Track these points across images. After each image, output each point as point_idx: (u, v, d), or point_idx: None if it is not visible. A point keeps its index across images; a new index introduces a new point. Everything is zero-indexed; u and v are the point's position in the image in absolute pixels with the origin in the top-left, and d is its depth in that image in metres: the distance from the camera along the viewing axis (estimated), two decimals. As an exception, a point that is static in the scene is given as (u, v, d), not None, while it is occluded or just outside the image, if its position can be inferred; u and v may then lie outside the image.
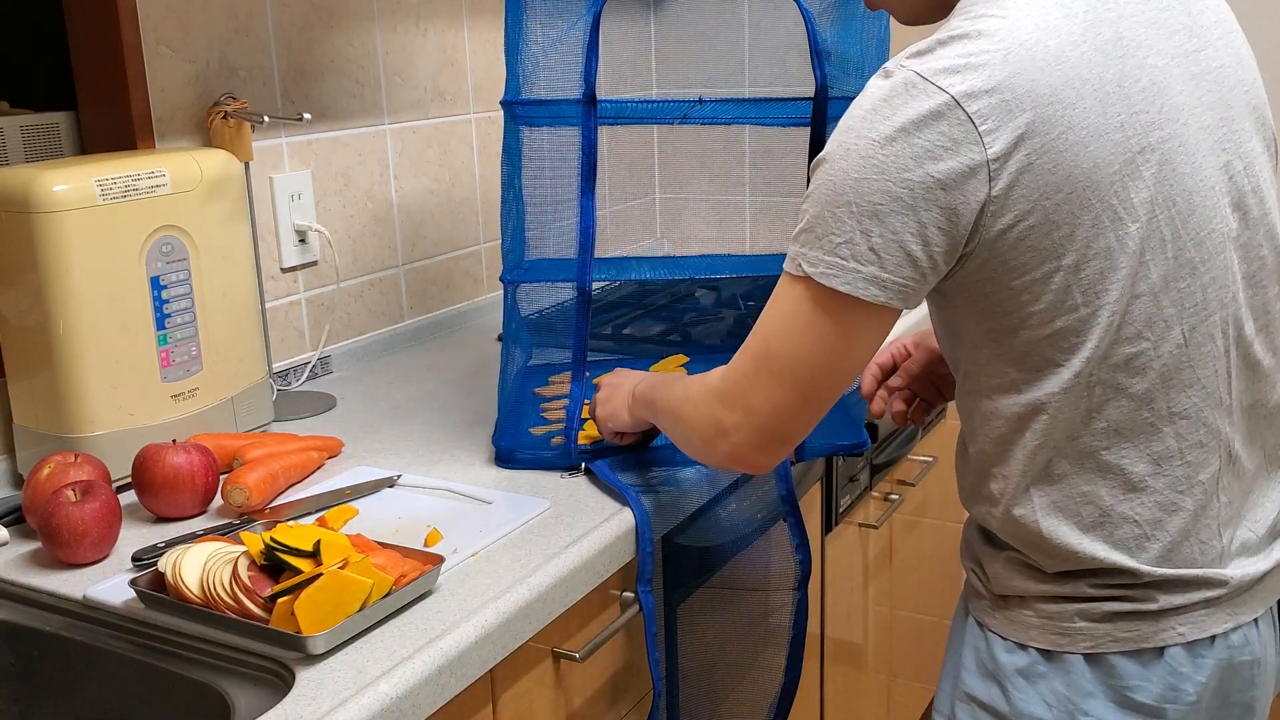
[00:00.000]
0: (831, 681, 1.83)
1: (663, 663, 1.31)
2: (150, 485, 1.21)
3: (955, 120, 0.89)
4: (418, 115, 1.92)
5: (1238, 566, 1.01)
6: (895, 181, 0.90)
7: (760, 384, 1.00)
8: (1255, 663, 1.02)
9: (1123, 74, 0.93)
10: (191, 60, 1.53)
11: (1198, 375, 0.98)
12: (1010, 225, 0.91)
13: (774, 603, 1.48)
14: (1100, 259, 0.93)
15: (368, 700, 0.90)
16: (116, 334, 1.28)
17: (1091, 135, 0.91)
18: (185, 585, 1.00)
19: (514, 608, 1.05)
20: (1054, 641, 1.01)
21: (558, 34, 1.36)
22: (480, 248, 2.09)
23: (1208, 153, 0.98)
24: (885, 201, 0.91)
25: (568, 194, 1.35)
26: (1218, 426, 0.99)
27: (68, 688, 1.06)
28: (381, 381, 1.73)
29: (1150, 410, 0.97)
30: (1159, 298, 0.95)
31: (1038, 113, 0.90)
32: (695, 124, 1.45)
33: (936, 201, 0.90)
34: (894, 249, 0.92)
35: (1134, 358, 0.96)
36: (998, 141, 0.89)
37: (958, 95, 0.89)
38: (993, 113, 0.89)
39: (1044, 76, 0.90)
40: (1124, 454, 0.98)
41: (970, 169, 0.90)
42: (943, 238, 0.92)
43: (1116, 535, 0.99)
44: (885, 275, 0.93)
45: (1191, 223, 0.96)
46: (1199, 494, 0.99)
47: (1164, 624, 0.99)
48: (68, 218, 1.23)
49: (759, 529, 1.46)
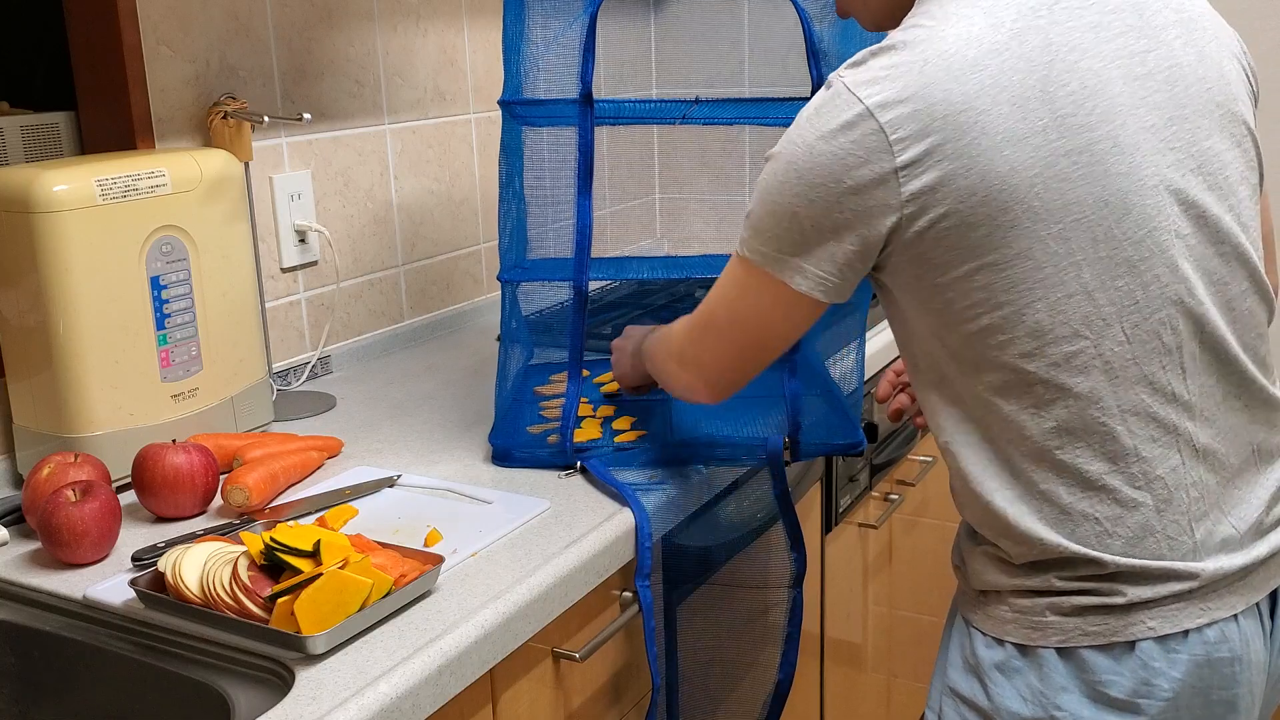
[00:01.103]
0: (831, 681, 1.83)
1: (661, 659, 1.31)
2: (150, 485, 1.21)
3: (868, 130, 0.95)
4: (418, 115, 1.92)
5: (1214, 560, 1.01)
6: (813, 187, 0.98)
7: (706, 343, 1.15)
8: (1235, 660, 1.01)
9: (1048, 80, 0.96)
10: (191, 60, 1.53)
11: (1144, 372, 0.99)
12: (927, 226, 0.96)
13: (771, 601, 1.48)
14: (1021, 259, 0.96)
15: (368, 700, 0.90)
16: (116, 334, 1.28)
17: (1007, 140, 0.94)
18: (185, 585, 1.00)
19: (514, 608, 1.05)
20: (1027, 636, 1.03)
21: (555, 34, 1.36)
22: (480, 248, 2.09)
23: (1150, 152, 0.98)
24: (803, 206, 0.99)
25: (566, 194, 1.35)
26: (1173, 422, 1.00)
27: (68, 688, 1.06)
28: (381, 381, 1.73)
29: (1099, 409, 0.98)
30: (1094, 296, 0.97)
31: (950, 121, 0.94)
32: (694, 124, 1.46)
33: (850, 207, 0.97)
34: (814, 247, 1.01)
35: (1073, 356, 0.97)
36: (908, 150, 0.94)
37: (872, 106, 0.95)
38: (904, 122, 0.94)
39: (958, 85, 0.94)
40: (1078, 453, 0.99)
41: (880, 177, 0.95)
42: (858, 239, 0.99)
43: (1079, 532, 1.00)
44: (808, 268, 1.02)
45: (1127, 222, 0.97)
46: (1160, 489, 0.99)
47: (1133, 618, 0.99)
48: (68, 218, 1.23)
49: (757, 529, 1.46)
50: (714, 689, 1.45)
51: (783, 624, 1.47)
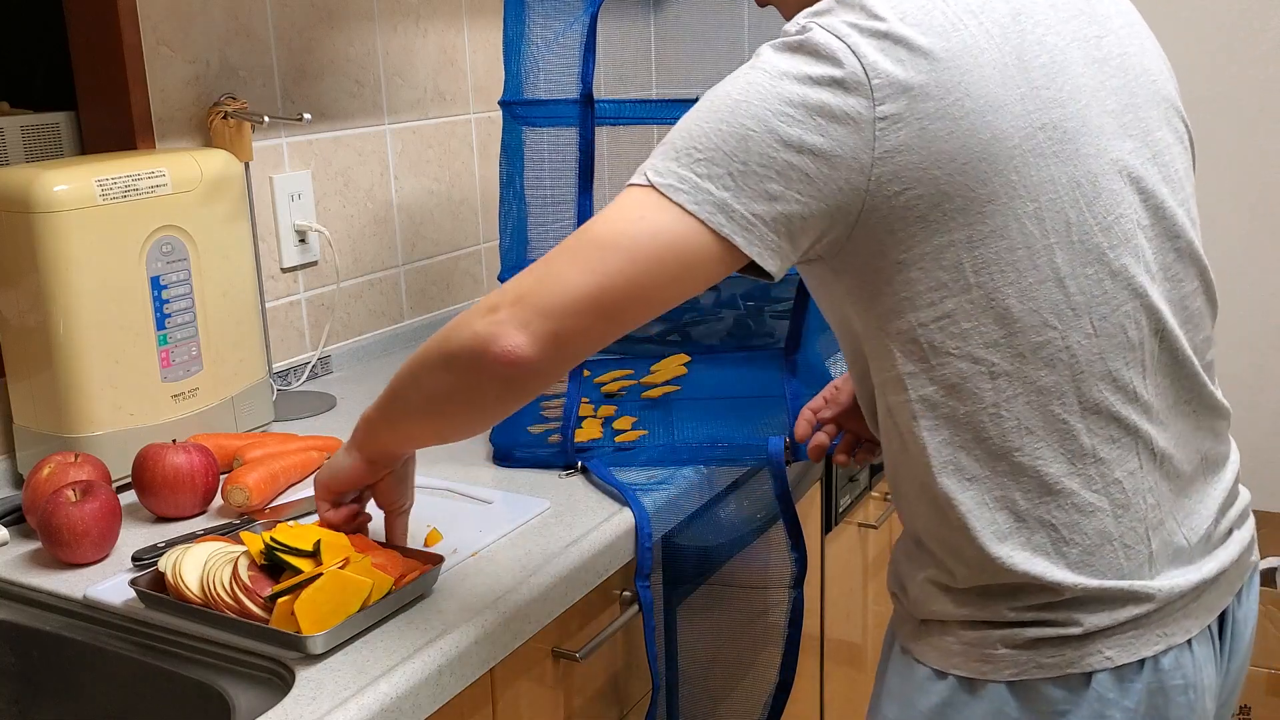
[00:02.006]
0: (831, 681, 1.83)
1: (661, 659, 1.31)
2: (150, 485, 1.21)
3: (850, 70, 0.85)
4: (418, 115, 1.92)
5: (1167, 577, 0.96)
6: (774, 113, 0.85)
7: (561, 259, 0.88)
8: (1189, 687, 0.96)
9: (1022, 48, 0.90)
10: (191, 60, 1.53)
11: (1109, 368, 0.92)
12: (899, 191, 0.87)
13: (772, 601, 1.48)
14: (996, 237, 0.88)
15: (368, 700, 0.90)
16: (116, 334, 1.28)
17: (989, 106, 0.87)
18: (185, 585, 1.00)
19: (514, 608, 1.05)
20: (976, 669, 0.96)
21: (556, 34, 1.36)
22: (480, 248, 2.09)
23: (1113, 136, 0.93)
24: (757, 129, 0.85)
25: (566, 194, 1.35)
26: (1133, 423, 0.94)
27: (68, 688, 1.06)
28: (381, 382, 1.72)
29: (1061, 405, 0.92)
30: (1065, 284, 0.90)
31: (934, 76, 0.86)
32: (695, 124, 1.45)
33: (812, 148, 0.85)
34: (753, 180, 0.86)
35: (1041, 347, 0.91)
36: (889, 101, 0.85)
37: (852, 44, 0.86)
38: (888, 69, 0.85)
39: (941, 41, 0.87)
40: (1038, 453, 0.92)
41: (856, 123, 0.85)
42: (808, 187, 0.86)
43: (1034, 540, 0.94)
44: (736, 206, 0.86)
45: (1097, 207, 0.91)
46: (1117, 494, 0.94)
47: (1090, 648, 0.93)
48: (68, 218, 1.23)
49: (757, 529, 1.46)
50: (714, 689, 1.45)
51: (783, 624, 1.47)
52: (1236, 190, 2.63)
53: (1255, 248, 2.65)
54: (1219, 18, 2.53)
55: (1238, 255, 2.65)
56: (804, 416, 1.27)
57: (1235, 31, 2.54)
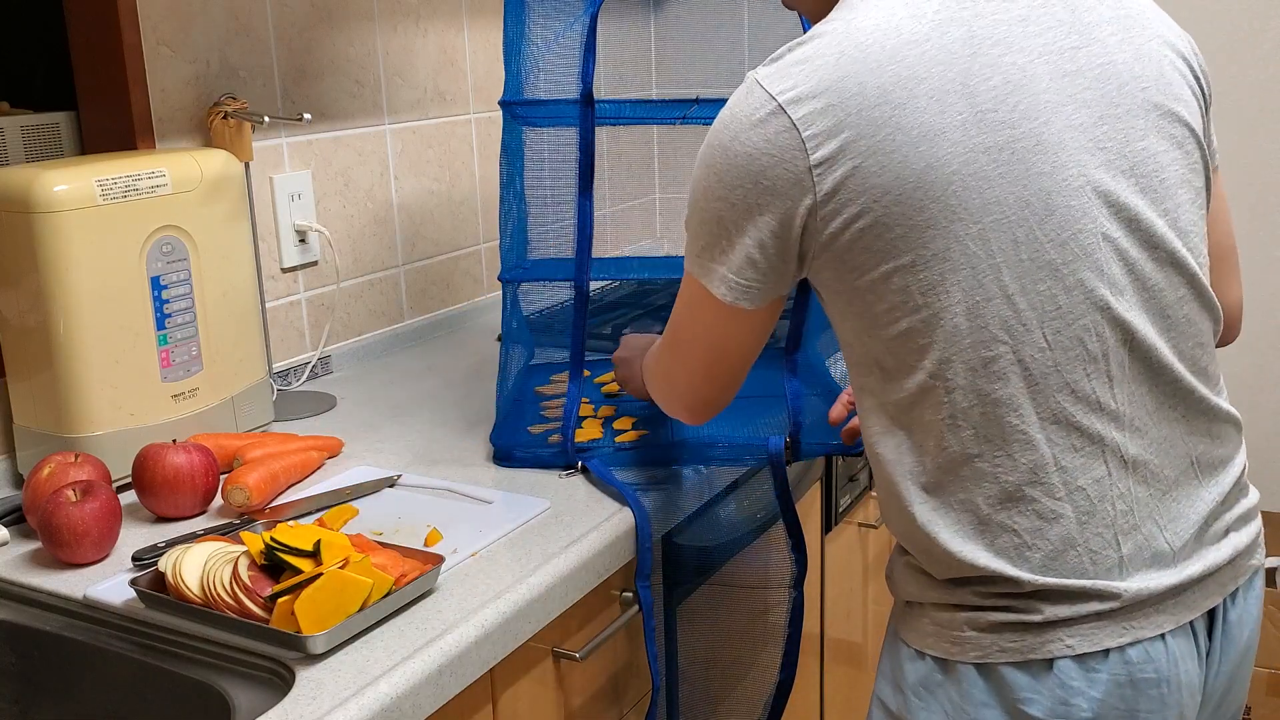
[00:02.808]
0: (831, 681, 1.83)
1: (661, 659, 1.31)
2: (150, 485, 1.21)
3: (780, 126, 0.92)
4: (418, 115, 1.92)
5: (1140, 579, 0.96)
6: (731, 189, 0.95)
7: (672, 359, 1.12)
8: (1161, 681, 0.96)
9: (969, 73, 0.92)
10: (191, 60, 1.53)
11: (1066, 380, 0.94)
12: (842, 228, 0.93)
13: (772, 601, 1.48)
14: (939, 260, 0.92)
15: (368, 700, 0.90)
16: (116, 334, 1.28)
17: (924, 136, 0.90)
18: (185, 585, 1.00)
19: (514, 608, 1.05)
20: (947, 650, 0.99)
21: (556, 34, 1.36)
22: (480, 248, 2.09)
23: (1077, 151, 0.94)
24: (725, 210, 0.97)
25: (566, 194, 1.35)
26: (1097, 432, 0.95)
27: (68, 688, 1.06)
28: (381, 381, 1.73)
29: (1018, 416, 0.94)
30: (1014, 300, 0.93)
31: (864, 115, 0.90)
32: (695, 124, 1.46)
33: (767, 208, 0.94)
34: (738, 252, 0.98)
35: (991, 361, 0.93)
36: (822, 147, 0.91)
37: (784, 102, 0.92)
38: (817, 117, 0.91)
39: (874, 78, 0.91)
40: (997, 462, 0.95)
41: (794, 176, 0.92)
42: (776, 242, 0.96)
43: (997, 543, 0.96)
44: (731, 277, 0.99)
45: (1050, 224, 0.93)
46: (1081, 500, 0.95)
47: (1050, 635, 0.95)
48: (68, 218, 1.23)
49: (757, 528, 1.46)
50: (714, 689, 1.45)
51: (783, 624, 1.47)
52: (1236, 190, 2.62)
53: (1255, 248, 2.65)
54: (1219, 18, 2.53)
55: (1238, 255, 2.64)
56: (841, 400, 1.35)
57: (1235, 31, 2.54)
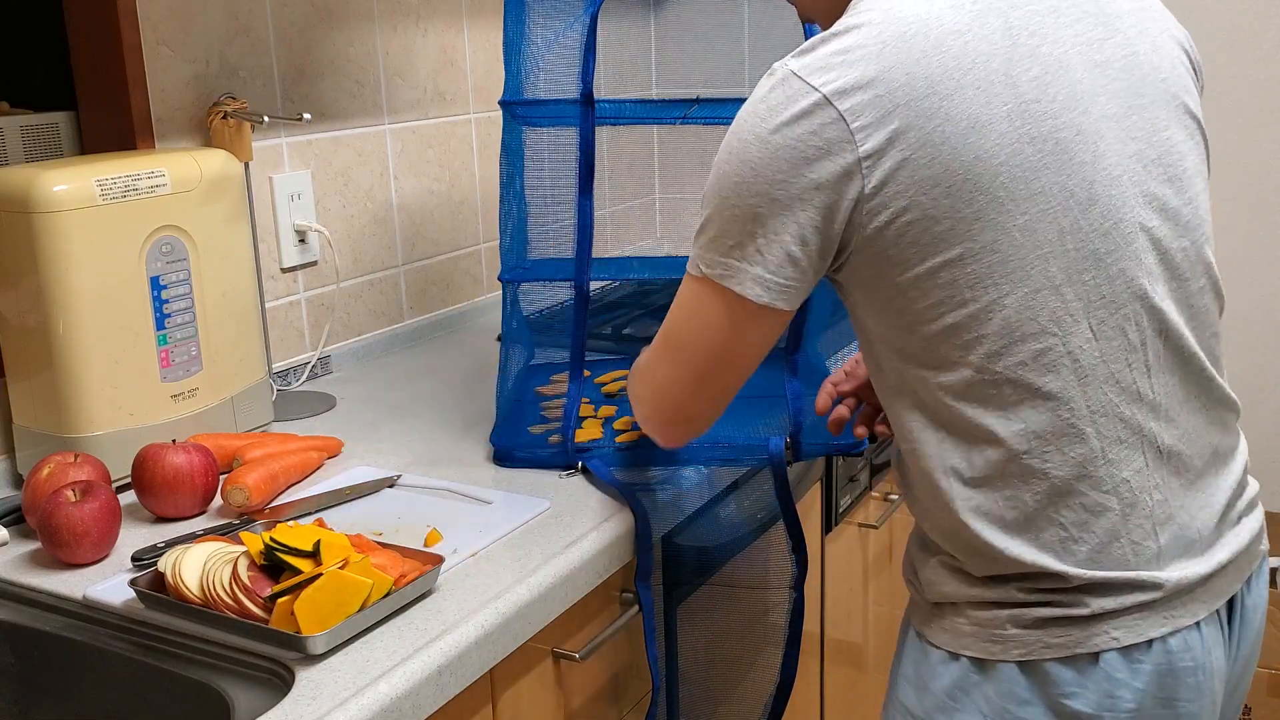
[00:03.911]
0: (831, 681, 1.83)
1: (661, 660, 1.31)
2: (150, 485, 1.21)
3: (827, 119, 0.89)
4: (418, 115, 1.92)
5: (1176, 568, 0.97)
6: (772, 184, 0.92)
7: (663, 365, 1.06)
8: (1198, 668, 0.97)
9: (1010, 63, 0.91)
10: (191, 60, 1.53)
11: (1111, 370, 0.94)
12: (888, 221, 0.91)
13: (772, 601, 1.48)
14: (987, 253, 0.91)
15: (368, 700, 0.90)
16: (116, 334, 1.28)
17: (972, 127, 0.89)
18: (185, 585, 1.00)
19: (514, 608, 1.05)
20: (986, 649, 0.98)
21: (556, 34, 1.36)
22: (480, 248, 2.09)
23: (1113, 141, 0.94)
24: (765, 205, 0.93)
25: (567, 194, 1.35)
26: (1138, 422, 0.96)
27: (68, 688, 1.06)
28: (381, 382, 1.73)
29: (1069, 409, 0.94)
30: (1062, 291, 0.92)
31: (913, 106, 0.89)
32: (695, 124, 1.46)
33: (811, 202, 0.91)
34: (776, 250, 0.94)
35: (1042, 354, 0.93)
36: (871, 138, 0.89)
37: (829, 93, 0.89)
38: (865, 108, 0.89)
39: (920, 68, 0.89)
40: (1047, 457, 0.94)
41: (843, 169, 0.90)
42: (818, 237, 0.93)
43: (1042, 538, 0.96)
44: (768, 276, 0.95)
45: (1093, 213, 0.93)
46: (1125, 493, 0.95)
47: (1096, 629, 0.95)
48: (68, 218, 1.23)
49: (757, 529, 1.46)
50: (714, 690, 1.45)
51: (783, 625, 1.47)
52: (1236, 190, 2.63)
53: (1256, 248, 2.65)
54: (1219, 18, 2.53)
55: (1238, 255, 2.64)
56: (824, 390, 1.30)
57: (1235, 31, 2.54)
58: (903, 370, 0.99)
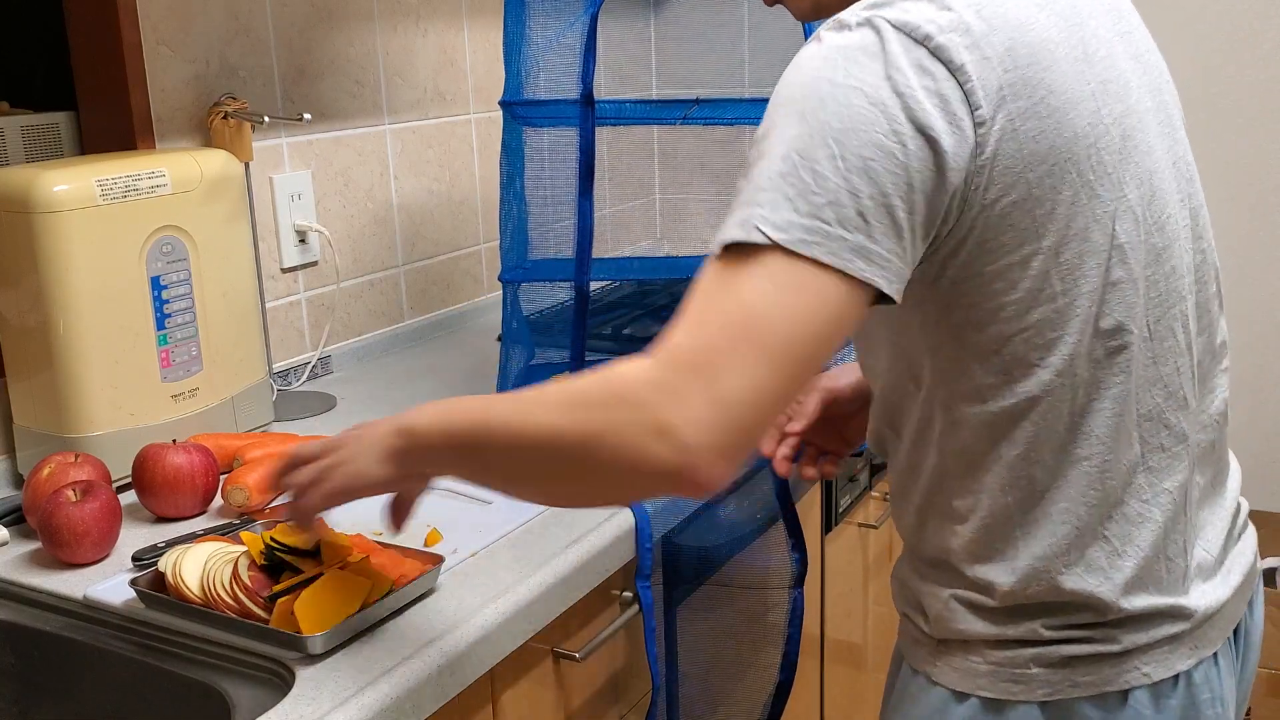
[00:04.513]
0: (831, 681, 1.83)
1: (661, 660, 1.31)
2: (150, 485, 1.21)
3: (940, 74, 0.79)
4: (418, 115, 1.92)
5: (1198, 592, 0.94)
6: (885, 134, 0.77)
7: (741, 360, 0.74)
8: (1216, 699, 0.93)
9: (1084, 41, 0.86)
10: (191, 60, 1.53)
11: (1160, 372, 0.90)
12: (996, 199, 0.82)
13: (772, 601, 1.48)
14: (1078, 240, 0.84)
15: (368, 700, 0.90)
16: (116, 334, 1.28)
17: (1069, 102, 0.83)
18: (185, 585, 1.00)
19: (514, 608, 1.05)
20: (1005, 690, 0.91)
21: (556, 34, 1.36)
22: (480, 248, 2.09)
23: (1155, 135, 0.91)
24: (877, 156, 0.77)
25: (567, 194, 1.35)
26: (1183, 430, 0.91)
27: (68, 688, 1.06)
28: (382, 382, 1.73)
29: (1126, 415, 0.88)
30: (1136, 285, 0.87)
31: (1019, 74, 0.81)
32: (695, 124, 1.46)
33: (928, 163, 0.78)
34: (882, 214, 0.77)
35: (1115, 353, 0.87)
36: (983, 102, 0.80)
37: (934, 48, 0.79)
38: (976, 69, 0.80)
39: (1021, 35, 0.82)
40: (1106, 465, 0.88)
41: (960, 131, 0.79)
42: (926, 207, 0.79)
43: (1089, 554, 0.90)
44: (873, 246, 0.77)
45: (1155, 206, 0.89)
46: (1167, 504, 0.91)
47: (1127, 665, 0.90)
48: (68, 218, 1.23)
49: (757, 529, 1.46)
50: (714, 689, 1.45)
51: (783, 624, 1.47)
52: (1236, 190, 2.63)
53: (1255, 248, 2.65)
54: (1219, 18, 2.53)
55: (1238, 255, 2.65)
56: (772, 435, 1.18)
57: (1235, 32, 2.54)
58: (968, 378, 0.88)
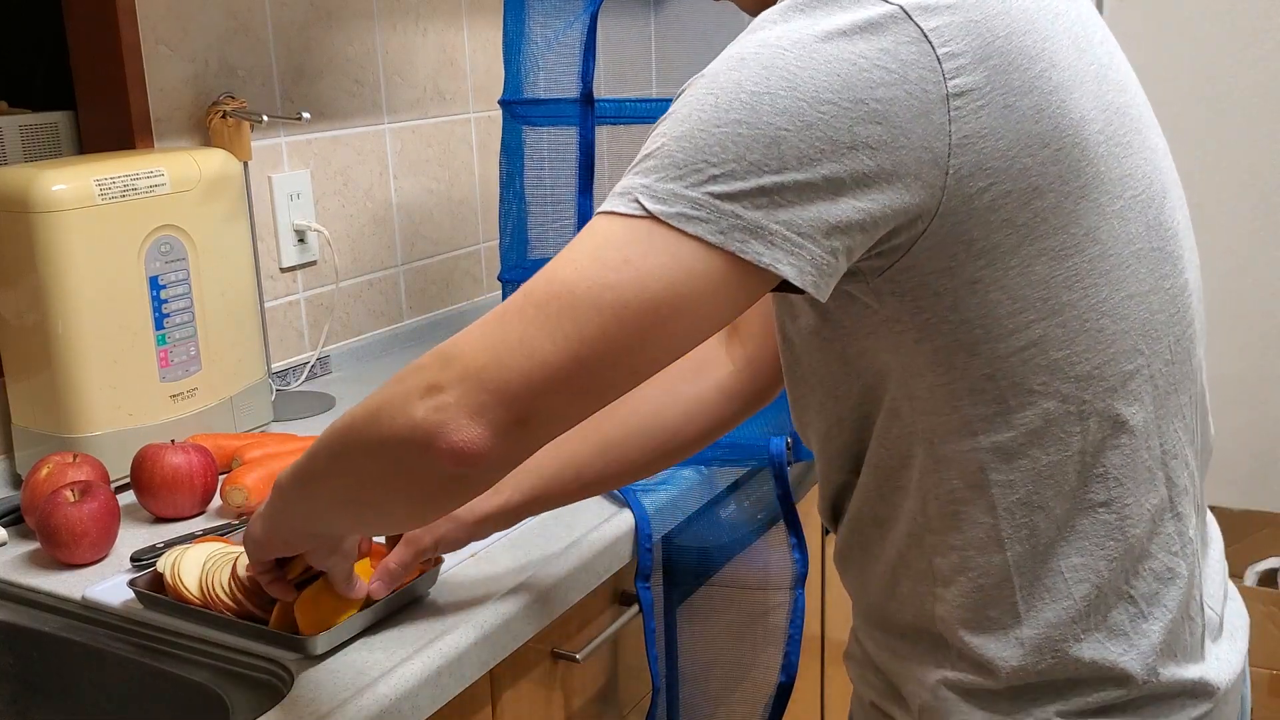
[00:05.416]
0: (832, 682, 1.83)
1: (661, 660, 1.31)
2: (149, 485, 1.21)
3: (905, 36, 0.65)
4: (417, 115, 1.92)
5: (1214, 659, 0.82)
6: (812, 102, 0.64)
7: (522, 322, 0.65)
8: None
9: (1080, 22, 0.74)
10: (190, 60, 1.53)
11: (1179, 402, 0.77)
12: (980, 190, 0.68)
13: (772, 602, 1.48)
14: (1088, 242, 0.71)
15: (367, 701, 0.90)
16: (115, 334, 1.28)
17: (1075, 80, 0.70)
18: (184, 586, 0.99)
19: (514, 608, 1.05)
20: None
21: (556, 33, 1.36)
22: (480, 247, 2.09)
23: (1152, 133, 0.79)
24: (794, 128, 0.64)
25: (566, 193, 1.35)
26: (1194, 469, 0.79)
27: (66, 688, 1.06)
28: (381, 382, 1.73)
29: (1147, 450, 0.75)
30: (1150, 298, 0.74)
31: (1014, 41, 0.67)
32: (695, 123, 1.45)
33: (869, 141, 0.64)
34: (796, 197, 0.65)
35: (1130, 377, 0.74)
36: (964, 71, 0.66)
37: (909, 6, 0.66)
38: (957, 33, 0.66)
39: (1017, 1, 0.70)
40: (1126, 511, 0.75)
41: (923, 104, 0.65)
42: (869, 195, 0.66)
43: (1110, 619, 0.77)
44: (773, 226, 0.65)
45: (1166, 207, 0.76)
46: (1189, 556, 0.78)
47: None
48: (67, 218, 1.23)
49: (757, 529, 1.46)
50: (714, 690, 1.45)
51: (784, 625, 1.47)
52: (1236, 191, 2.63)
53: (1255, 248, 2.65)
54: (1219, 18, 2.53)
55: (1238, 256, 2.65)
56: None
57: (1235, 31, 2.54)
58: (954, 409, 0.75)
